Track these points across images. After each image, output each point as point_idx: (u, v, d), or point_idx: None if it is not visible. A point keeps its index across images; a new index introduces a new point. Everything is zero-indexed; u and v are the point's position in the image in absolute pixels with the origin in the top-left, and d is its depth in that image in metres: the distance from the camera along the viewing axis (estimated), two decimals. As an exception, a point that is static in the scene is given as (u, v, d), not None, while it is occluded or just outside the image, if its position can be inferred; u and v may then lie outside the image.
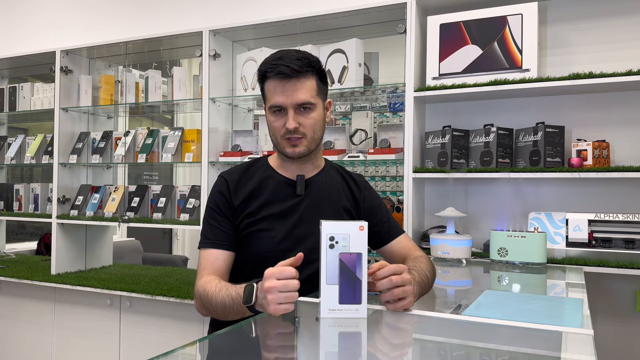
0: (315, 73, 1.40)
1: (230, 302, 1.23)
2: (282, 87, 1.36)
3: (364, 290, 1.10)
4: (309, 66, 1.37)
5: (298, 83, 1.36)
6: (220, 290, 1.27)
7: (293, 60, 1.36)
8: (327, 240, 1.10)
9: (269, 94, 1.40)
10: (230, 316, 1.26)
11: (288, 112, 1.37)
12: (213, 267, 1.40)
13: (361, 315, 1.10)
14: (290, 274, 1.08)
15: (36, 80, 3.53)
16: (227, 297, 1.24)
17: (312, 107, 1.39)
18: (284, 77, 1.35)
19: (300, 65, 1.36)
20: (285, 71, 1.34)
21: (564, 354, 0.95)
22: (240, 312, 1.21)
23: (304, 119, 1.39)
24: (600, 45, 2.15)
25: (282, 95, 1.37)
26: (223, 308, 1.25)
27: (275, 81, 1.37)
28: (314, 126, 1.41)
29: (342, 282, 1.10)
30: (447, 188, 2.38)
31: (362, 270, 1.10)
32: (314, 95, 1.39)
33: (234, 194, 1.45)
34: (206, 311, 1.35)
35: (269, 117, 1.42)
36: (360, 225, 1.10)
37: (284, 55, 1.38)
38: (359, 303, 1.10)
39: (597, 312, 2.12)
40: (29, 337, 2.96)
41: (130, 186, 3.00)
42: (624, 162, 2.08)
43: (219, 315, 1.30)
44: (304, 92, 1.37)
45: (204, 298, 1.32)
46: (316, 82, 1.40)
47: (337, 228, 1.10)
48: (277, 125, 1.40)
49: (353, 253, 1.10)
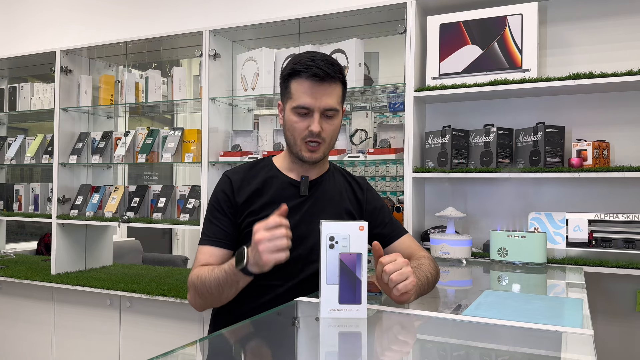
0: (341, 80, 1.40)
1: (224, 275, 1.26)
2: (313, 90, 1.36)
3: (364, 290, 1.10)
4: (339, 73, 1.38)
5: (329, 88, 1.36)
6: (213, 270, 1.30)
7: (327, 64, 1.36)
8: (327, 240, 1.10)
9: (297, 93, 1.38)
10: (226, 292, 1.28)
11: (314, 115, 1.37)
12: (208, 263, 1.41)
13: (361, 315, 1.10)
14: (276, 222, 1.13)
15: (36, 80, 3.53)
16: (220, 271, 1.27)
17: (336, 114, 1.40)
18: (318, 79, 1.35)
19: (333, 70, 1.36)
20: (319, 74, 1.34)
21: (564, 354, 0.95)
22: (235, 281, 1.24)
23: (327, 124, 1.39)
24: (600, 45, 2.15)
25: (311, 97, 1.36)
26: (217, 285, 1.28)
27: (307, 82, 1.36)
28: (333, 133, 1.42)
29: (342, 282, 1.10)
30: (447, 188, 2.38)
31: (362, 270, 1.10)
32: (339, 102, 1.41)
33: (237, 193, 1.45)
34: (200, 299, 1.36)
35: (292, 116, 1.40)
36: (360, 225, 1.10)
37: (316, 57, 1.37)
38: (359, 303, 1.10)
39: (597, 312, 2.12)
40: (29, 337, 2.96)
41: (130, 186, 3.00)
42: (624, 162, 2.08)
43: (214, 297, 1.31)
44: (332, 98, 1.37)
45: (198, 284, 1.33)
46: (341, 89, 1.41)
47: (337, 228, 1.10)
48: (299, 127, 1.39)
49: (353, 253, 1.10)
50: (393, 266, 1.12)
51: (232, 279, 1.24)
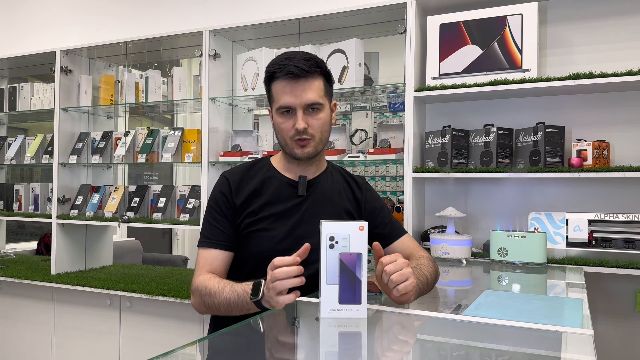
0: (322, 74, 1.40)
1: (236, 298, 1.24)
2: (291, 88, 1.36)
3: (364, 290, 1.10)
4: (316, 67, 1.38)
5: (307, 83, 1.36)
6: (224, 287, 1.28)
7: (301, 60, 1.36)
8: (327, 240, 1.10)
9: (277, 94, 1.39)
10: (233, 312, 1.27)
11: (297, 112, 1.37)
12: (211, 267, 1.41)
13: (361, 315, 1.10)
14: (289, 261, 1.10)
15: (36, 80, 3.53)
16: (232, 293, 1.25)
17: (320, 107, 1.40)
18: (293, 77, 1.35)
19: (309, 65, 1.36)
20: (294, 71, 1.34)
21: (564, 354, 0.95)
22: (245, 308, 1.23)
23: (312, 119, 1.39)
24: (600, 45, 2.15)
25: (291, 95, 1.36)
26: (227, 304, 1.27)
27: (284, 81, 1.37)
28: (321, 127, 1.41)
29: (342, 282, 1.10)
30: (447, 188, 2.38)
31: (362, 270, 1.10)
32: (322, 96, 1.40)
33: (236, 193, 1.45)
34: (205, 308, 1.36)
35: (277, 118, 1.41)
36: (360, 225, 1.10)
37: (292, 56, 1.38)
38: (359, 303, 1.10)
39: (597, 312, 2.12)
40: (29, 337, 2.96)
41: (130, 186, 3.00)
42: (624, 162, 2.08)
43: (220, 312, 1.31)
44: (312, 93, 1.37)
45: (205, 294, 1.32)
46: (323, 82, 1.41)
47: (337, 228, 1.10)
48: (285, 127, 1.40)
49: (353, 253, 1.10)
50: (394, 267, 1.12)
51: (244, 306, 1.23)
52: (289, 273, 1.09)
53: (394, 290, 1.12)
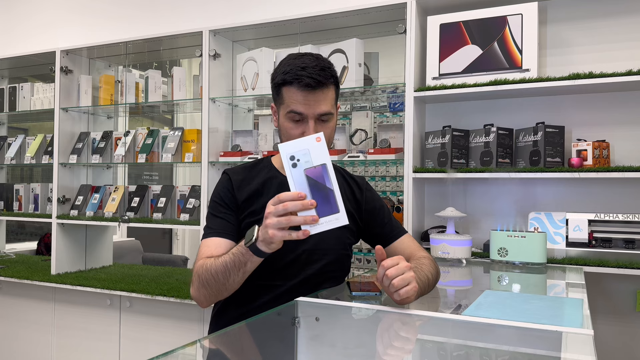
0: (334, 82, 1.39)
1: (232, 257, 1.22)
2: (305, 97, 1.34)
3: (338, 198, 1.09)
4: (331, 77, 1.36)
5: (321, 95, 1.35)
6: (220, 256, 1.27)
7: (317, 70, 1.33)
8: (289, 161, 1.09)
9: (289, 99, 1.36)
10: (232, 276, 1.24)
11: (308, 122, 1.35)
12: (214, 254, 1.36)
13: (342, 222, 1.08)
14: (288, 197, 1.08)
15: (36, 80, 3.53)
16: (228, 255, 1.24)
17: (331, 117, 1.39)
18: (310, 89, 1.33)
19: (325, 76, 1.34)
20: (311, 83, 1.32)
21: (564, 354, 0.95)
22: (243, 262, 1.20)
23: (322, 128, 1.37)
24: (600, 45, 2.15)
25: (304, 105, 1.34)
26: (224, 269, 1.24)
27: (299, 92, 1.34)
28: (330, 135, 1.41)
29: (315, 196, 1.08)
30: (447, 188, 2.38)
31: (330, 179, 1.08)
32: (333, 105, 1.39)
33: (238, 192, 1.45)
34: (204, 288, 1.30)
35: (286, 122, 1.38)
36: (317, 137, 1.09)
37: (306, 65, 1.34)
38: (337, 212, 1.08)
39: (597, 312, 2.12)
40: (29, 337, 2.96)
41: (130, 186, 3.00)
42: (624, 162, 2.08)
43: (220, 284, 1.27)
44: (325, 104, 1.36)
45: (203, 273, 1.28)
46: (334, 90, 1.40)
47: (295, 145, 1.09)
48: (294, 133, 1.37)
49: (317, 166, 1.09)
50: (395, 271, 1.11)
51: (240, 259, 1.21)
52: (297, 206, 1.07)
53: (395, 294, 1.11)
